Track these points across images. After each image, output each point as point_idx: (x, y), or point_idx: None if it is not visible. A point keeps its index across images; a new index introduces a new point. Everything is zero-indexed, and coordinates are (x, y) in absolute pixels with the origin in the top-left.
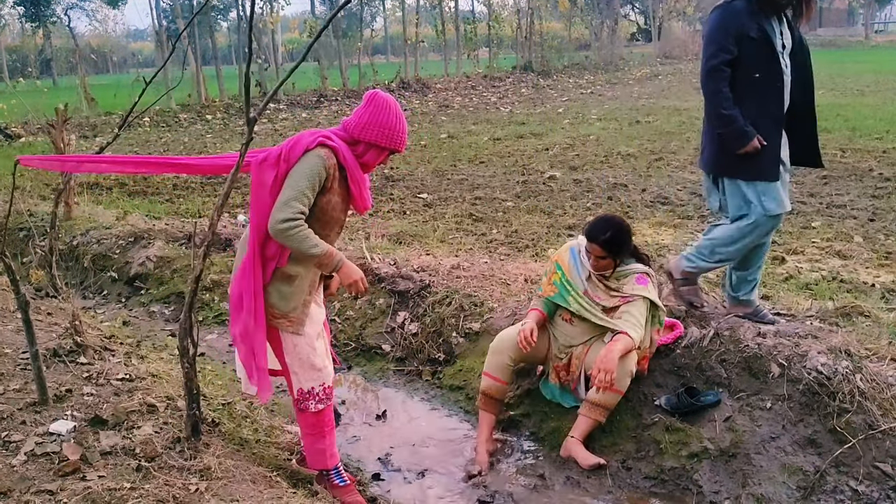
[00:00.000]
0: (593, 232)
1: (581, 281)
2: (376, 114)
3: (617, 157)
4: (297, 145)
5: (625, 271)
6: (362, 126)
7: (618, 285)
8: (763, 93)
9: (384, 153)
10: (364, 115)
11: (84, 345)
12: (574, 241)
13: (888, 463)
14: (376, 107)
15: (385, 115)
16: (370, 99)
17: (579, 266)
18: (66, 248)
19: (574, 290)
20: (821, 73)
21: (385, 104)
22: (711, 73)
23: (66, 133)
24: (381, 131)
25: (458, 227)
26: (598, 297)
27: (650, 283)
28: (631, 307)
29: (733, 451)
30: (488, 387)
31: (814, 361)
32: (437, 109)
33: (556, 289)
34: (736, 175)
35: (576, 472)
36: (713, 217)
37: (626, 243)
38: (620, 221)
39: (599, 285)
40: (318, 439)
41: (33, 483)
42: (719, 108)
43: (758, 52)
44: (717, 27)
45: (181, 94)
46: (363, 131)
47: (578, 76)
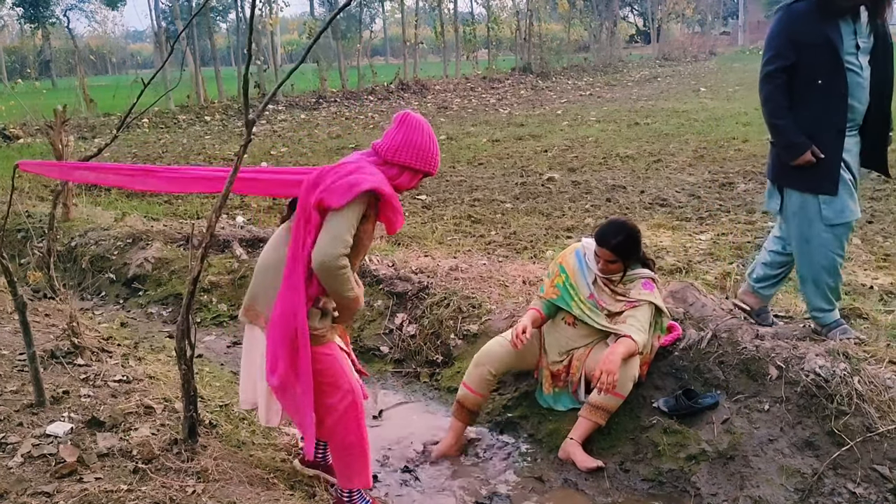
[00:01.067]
0: (605, 236)
1: (587, 285)
2: (409, 135)
3: (616, 159)
4: (355, 188)
5: (631, 276)
6: (395, 148)
7: (624, 290)
8: (823, 102)
9: (418, 176)
10: (397, 136)
11: (81, 346)
12: (580, 244)
13: (886, 465)
14: (409, 128)
15: (419, 137)
16: (402, 120)
17: (585, 270)
18: (64, 250)
19: (577, 295)
20: None
21: (418, 125)
22: (765, 79)
23: (65, 134)
24: (415, 153)
25: (456, 229)
26: (603, 302)
27: (656, 288)
28: (636, 311)
29: (731, 453)
30: (464, 397)
31: (812, 364)
32: (435, 111)
33: (558, 291)
34: (792, 185)
35: (574, 474)
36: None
37: (636, 249)
38: (632, 226)
39: (605, 290)
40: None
41: (30, 485)
42: (770, 116)
43: (819, 58)
44: (775, 31)
45: (180, 96)
46: (396, 154)
47: (577, 78)
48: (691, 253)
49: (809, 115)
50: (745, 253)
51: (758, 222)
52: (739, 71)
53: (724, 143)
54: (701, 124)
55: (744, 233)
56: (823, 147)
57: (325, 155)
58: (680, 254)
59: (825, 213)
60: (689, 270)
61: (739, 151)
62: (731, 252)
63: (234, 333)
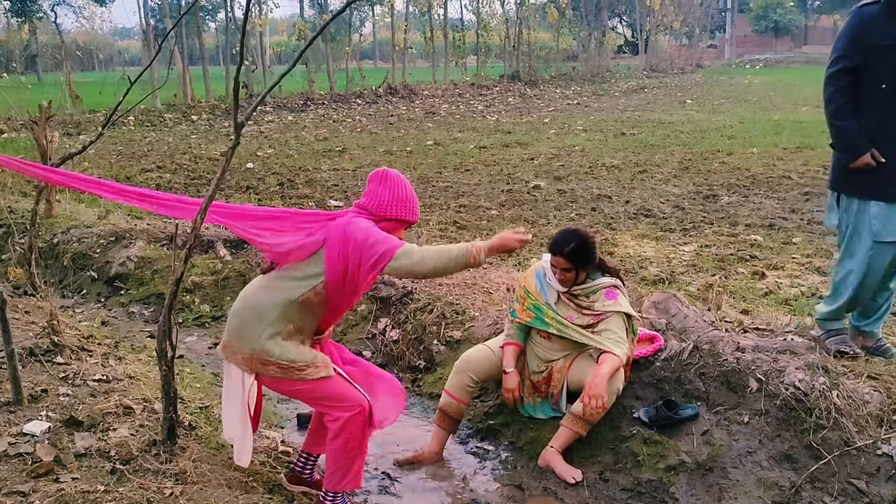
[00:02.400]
0: (557, 244)
1: (549, 305)
2: (395, 190)
3: (601, 169)
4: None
5: (593, 287)
6: (385, 205)
7: (588, 303)
8: (888, 106)
9: (402, 225)
10: (383, 194)
11: (61, 344)
12: (538, 264)
13: (863, 480)
14: (393, 184)
15: (402, 191)
16: (383, 178)
17: (546, 289)
18: (45, 246)
19: (548, 312)
20: (805, 89)
21: (399, 181)
22: (829, 80)
23: (50, 130)
24: (402, 205)
25: (441, 235)
26: (570, 318)
27: (620, 294)
28: (609, 324)
29: (710, 464)
30: (447, 405)
31: (791, 377)
32: (423, 116)
33: (531, 314)
34: (848, 191)
35: (553, 483)
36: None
37: (590, 255)
38: (584, 233)
39: (570, 304)
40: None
41: (5, 484)
42: (832, 117)
43: (886, 62)
44: (843, 33)
45: (167, 94)
46: (387, 209)
47: (565, 87)
48: (674, 264)
49: (872, 120)
50: (728, 265)
51: (740, 234)
52: (725, 84)
53: (709, 156)
54: (686, 136)
55: (727, 245)
56: (885, 152)
57: (312, 157)
58: (663, 264)
59: (875, 228)
60: (672, 281)
61: (724, 164)
62: (713, 264)
63: (215, 335)
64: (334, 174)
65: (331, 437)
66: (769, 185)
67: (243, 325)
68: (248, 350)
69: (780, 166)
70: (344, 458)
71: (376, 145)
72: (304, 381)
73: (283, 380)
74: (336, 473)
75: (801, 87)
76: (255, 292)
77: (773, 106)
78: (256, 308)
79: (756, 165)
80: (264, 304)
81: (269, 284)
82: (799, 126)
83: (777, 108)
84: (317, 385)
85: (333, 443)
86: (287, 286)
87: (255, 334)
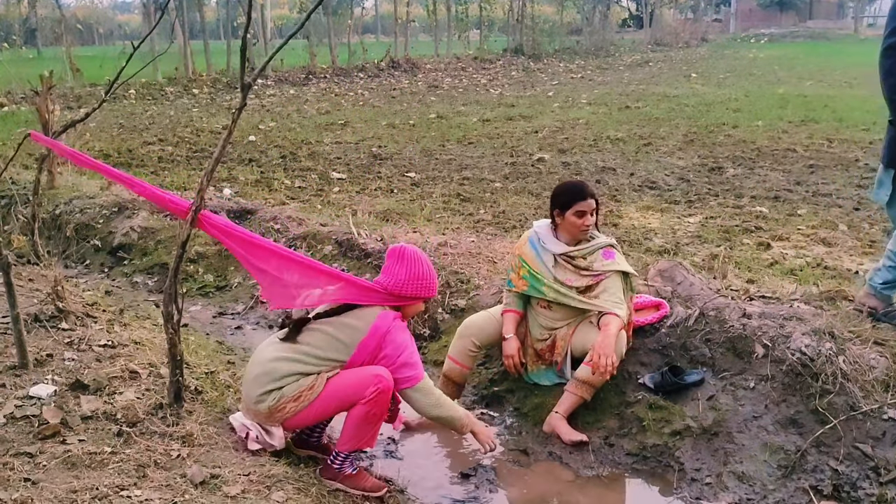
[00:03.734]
0: (581, 189)
1: (548, 269)
2: (411, 269)
3: (606, 142)
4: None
5: (591, 247)
6: (402, 284)
7: (586, 263)
8: None
9: (420, 301)
10: (400, 272)
11: (66, 311)
12: (531, 231)
13: (868, 444)
14: (410, 262)
15: (418, 269)
16: (400, 256)
17: (542, 254)
18: (48, 217)
19: (545, 280)
20: (809, 64)
21: (415, 258)
22: (885, 52)
23: (51, 102)
24: (419, 284)
25: (445, 207)
26: (569, 280)
27: (617, 254)
28: (607, 284)
29: (716, 429)
30: (450, 370)
31: (798, 343)
32: (426, 90)
33: (527, 283)
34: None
35: (558, 448)
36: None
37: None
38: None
39: (568, 267)
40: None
41: (12, 445)
42: (891, 91)
43: None
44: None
45: (168, 68)
46: (403, 288)
47: (569, 61)
48: (679, 235)
49: None
50: (733, 236)
51: (746, 206)
52: (730, 58)
53: (714, 129)
54: (691, 109)
55: (732, 216)
56: None
57: (314, 130)
58: (668, 236)
59: None
60: (677, 252)
61: (729, 137)
62: (719, 235)
63: (219, 304)
64: (337, 147)
65: (356, 408)
66: (774, 158)
67: (261, 388)
68: (266, 409)
69: (785, 139)
70: (366, 423)
71: (379, 118)
72: (323, 394)
73: (303, 409)
74: (354, 437)
75: (805, 62)
76: (273, 362)
77: (778, 80)
78: (273, 374)
79: (761, 138)
80: (279, 372)
81: (288, 356)
82: (804, 100)
83: (782, 83)
84: (332, 389)
85: (357, 409)
86: (306, 360)
87: (270, 396)
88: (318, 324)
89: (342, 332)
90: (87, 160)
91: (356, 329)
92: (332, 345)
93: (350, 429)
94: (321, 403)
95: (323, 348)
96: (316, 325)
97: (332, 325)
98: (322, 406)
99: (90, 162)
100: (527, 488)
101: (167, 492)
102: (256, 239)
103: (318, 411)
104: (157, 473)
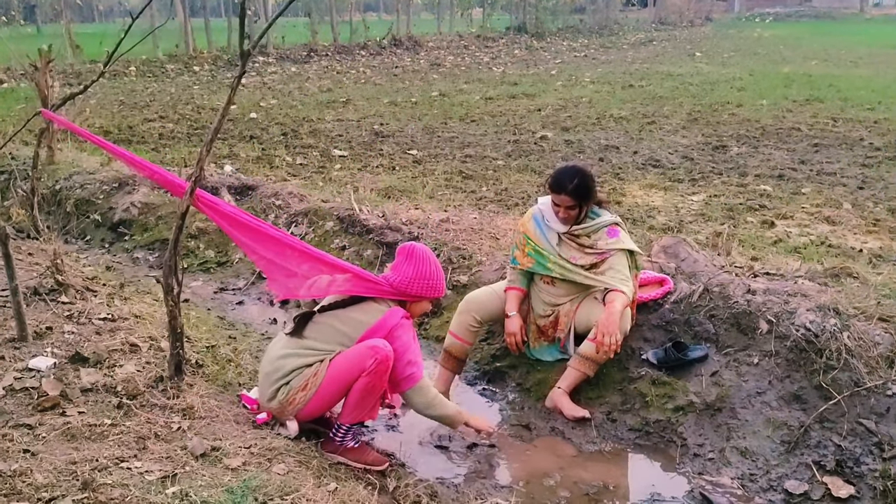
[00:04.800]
0: (560, 183)
1: (552, 247)
2: (419, 268)
3: (609, 120)
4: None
5: (594, 226)
6: (409, 282)
7: (591, 242)
8: None
9: (427, 300)
10: (408, 271)
11: (65, 284)
12: (535, 207)
13: (872, 420)
14: (418, 261)
15: (426, 268)
16: (409, 254)
17: (546, 231)
18: (48, 193)
19: (550, 257)
20: (814, 44)
21: (424, 258)
22: None
23: (50, 77)
24: (426, 284)
25: (447, 184)
26: (573, 259)
27: (621, 231)
28: (613, 262)
29: (719, 405)
30: (451, 345)
31: (802, 318)
32: (428, 68)
33: (532, 260)
34: None
35: (561, 423)
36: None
37: (592, 189)
38: (583, 167)
39: (573, 245)
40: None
41: (11, 417)
42: None
43: None
44: None
45: (168, 45)
46: (409, 286)
47: (572, 39)
48: (683, 213)
49: None
50: (737, 214)
51: (750, 185)
52: (735, 37)
53: (718, 107)
54: (696, 88)
55: (736, 195)
56: None
57: (316, 108)
58: (671, 214)
59: None
60: (681, 230)
61: (734, 115)
62: (722, 213)
63: (220, 280)
64: (338, 125)
65: (357, 381)
66: (779, 137)
67: (272, 385)
68: (277, 404)
69: (790, 118)
70: (367, 395)
71: (381, 96)
72: (327, 377)
73: (312, 397)
74: (356, 409)
75: (810, 41)
76: (281, 359)
77: (783, 59)
78: (281, 370)
79: (766, 117)
80: (286, 368)
81: (294, 351)
82: (808, 79)
83: (787, 62)
84: (334, 370)
85: (358, 382)
86: (311, 354)
87: (280, 391)
88: (324, 317)
89: (347, 325)
90: (95, 138)
91: (361, 323)
92: (335, 337)
93: (352, 401)
94: (327, 387)
95: (327, 341)
96: (321, 318)
97: (338, 319)
98: (328, 389)
99: (97, 139)
100: (529, 463)
101: (167, 464)
102: (264, 227)
103: (326, 396)
104: (157, 445)
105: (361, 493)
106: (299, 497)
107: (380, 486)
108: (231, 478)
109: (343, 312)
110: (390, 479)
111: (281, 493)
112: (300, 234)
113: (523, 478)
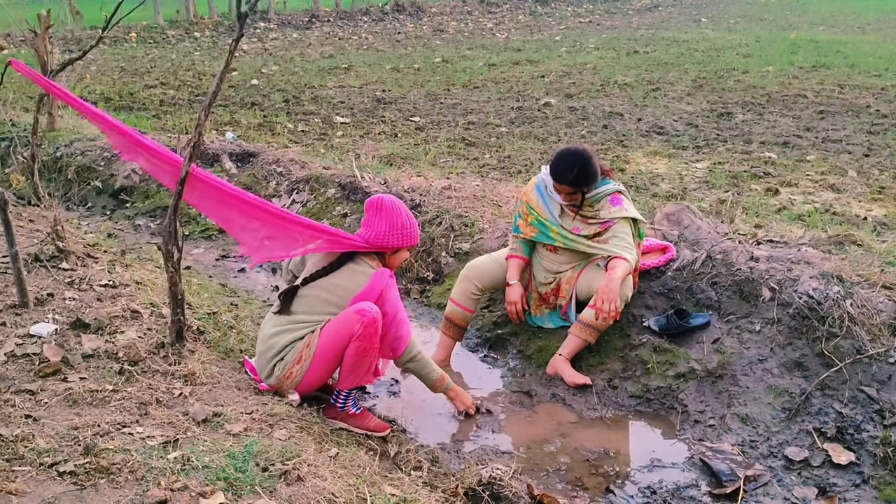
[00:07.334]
0: (560, 172)
1: (554, 217)
2: (390, 219)
3: (613, 86)
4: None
5: (597, 195)
6: (383, 236)
7: (593, 212)
8: None
9: (405, 250)
10: (380, 225)
11: (66, 251)
12: (539, 177)
13: (873, 387)
14: (388, 213)
15: (397, 219)
16: (378, 207)
17: (549, 202)
18: (49, 159)
19: (553, 227)
20: (822, 9)
21: (393, 208)
22: None
23: (50, 43)
24: (399, 234)
25: (450, 151)
26: (576, 230)
27: (624, 199)
28: (616, 229)
29: (720, 372)
30: (452, 312)
31: (805, 286)
32: (431, 33)
33: (535, 229)
34: None
35: (562, 390)
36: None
37: (594, 173)
38: (583, 153)
39: (575, 216)
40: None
41: (13, 383)
42: None
43: None
44: None
45: (169, 10)
46: (385, 240)
47: (577, 5)
48: (687, 180)
49: None
50: (741, 182)
51: (754, 152)
52: (742, 3)
53: (723, 74)
54: (701, 54)
55: (740, 162)
56: None
57: (318, 74)
58: (675, 181)
59: None
60: (684, 197)
61: (739, 82)
62: (726, 181)
63: (222, 247)
64: (340, 91)
65: (350, 346)
66: (784, 104)
67: (268, 363)
68: (275, 380)
69: (796, 85)
70: (361, 358)
71: (383, 62)
72: (319, 347)
73: (308, 368)
74: (352, 373)
75: (817, 7)
76: (272, 337)
77: (790, 25)
78: (274, 348)
79: (771, 84)
80: (279, 345)
81: (284, 328)
82: (815, 45)
83: (793, 28)
84: (324, 338)
85: (351, 346)
86: (300, 328)
87: (276, 368)
88: (308, 289)
89: (333, 294)
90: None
91: (347, 290)
92: (322, 307)
93: (347, 366)
94: (321, 356)
95: (315, 311)
96: (305, 290)
97: (322, 288)
98: (323, 358)
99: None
100: (529, 429)
101: (169, 429)
102: (236, 192)
103: (321, 365)
104: (158, 411)
105: (363, 459)
106: (300, 462)
107: (381, 452)
108: (232, 443)
109: (326, 281)
110: (392, 444)
111: (282, 459)
112: (301, 202)
113: (524, 444)
